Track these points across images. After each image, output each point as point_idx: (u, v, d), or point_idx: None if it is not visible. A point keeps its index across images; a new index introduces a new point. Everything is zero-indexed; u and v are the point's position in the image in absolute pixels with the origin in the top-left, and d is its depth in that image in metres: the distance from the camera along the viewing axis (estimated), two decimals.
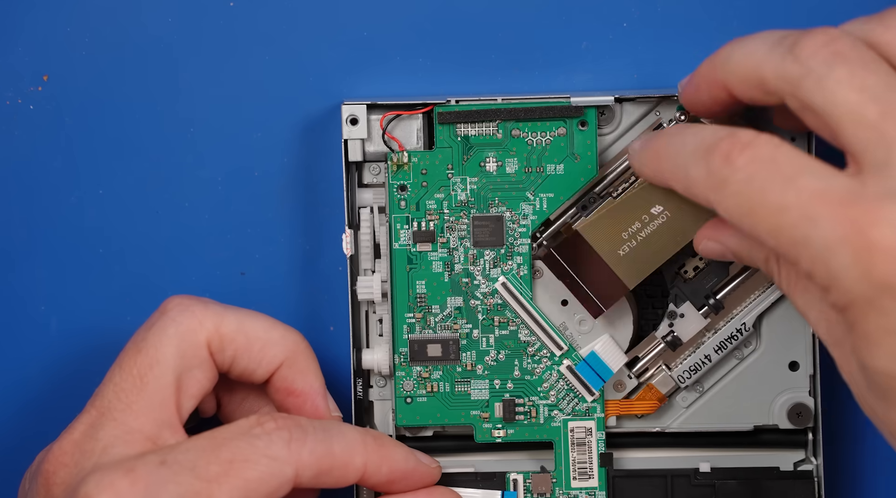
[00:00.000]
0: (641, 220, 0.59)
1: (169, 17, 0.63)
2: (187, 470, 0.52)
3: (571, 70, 0.63)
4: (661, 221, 0.59)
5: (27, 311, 0.64)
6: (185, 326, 0.57)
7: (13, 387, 0.64)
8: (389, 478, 0.57)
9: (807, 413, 0.62)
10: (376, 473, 0.57)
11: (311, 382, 0.59)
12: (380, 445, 0.57)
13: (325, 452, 0.55)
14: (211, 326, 0.57)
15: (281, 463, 0.53)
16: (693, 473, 0.62)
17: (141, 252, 0.64)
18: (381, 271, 0.62)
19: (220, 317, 0.57)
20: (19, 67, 0.63)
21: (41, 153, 0.64)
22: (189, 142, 0.63)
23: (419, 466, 0.59)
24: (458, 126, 0.61)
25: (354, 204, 0.62)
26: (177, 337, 0.56)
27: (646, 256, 0.59)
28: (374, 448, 0.57)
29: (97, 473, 0.52)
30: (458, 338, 0.62)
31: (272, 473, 0.53)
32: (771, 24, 0.62)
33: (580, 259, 0.60)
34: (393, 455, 0.57)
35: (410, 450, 0.59)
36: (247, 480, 0.52)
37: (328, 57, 0.63)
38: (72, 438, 0.55)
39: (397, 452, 0.58)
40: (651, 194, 0.59)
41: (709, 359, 0.62)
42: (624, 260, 0.59)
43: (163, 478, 0.51)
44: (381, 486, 0.58)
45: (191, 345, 0.56)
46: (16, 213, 0.64)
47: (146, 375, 0.56)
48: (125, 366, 0.56)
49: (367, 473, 0.56)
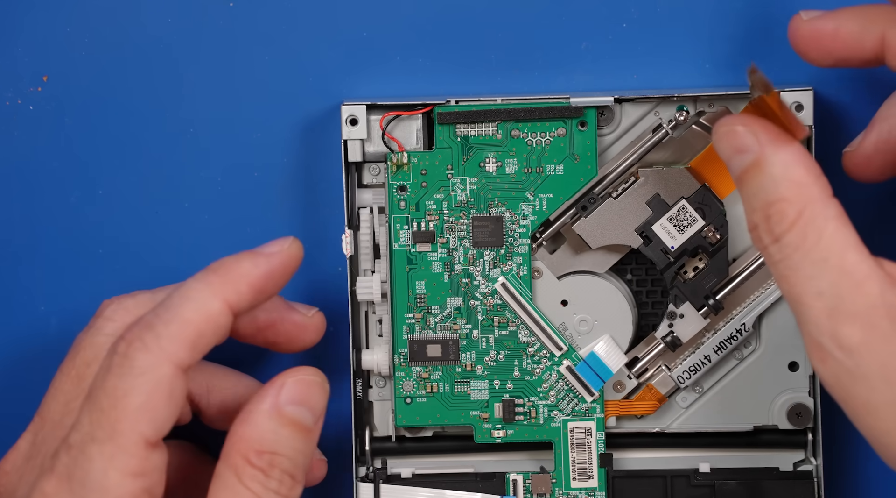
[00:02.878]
0: None
1: (169, 18, 0.63)
2: (89, 441, 0.51)
3: (571, 70, 0.63)
4: None
5: (27, 311, 0.64)
6: (122, 321, 0.56)
7: (13, 387, 0.64)
8: (256, 293, 0.54)
9: (806, 413, 0.62)
10: (241, 300, 0.54)
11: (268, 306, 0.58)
12: (223, 275, 0.54)
13: (184, 327, 0.52)
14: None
15: (154, 370, 0.51)
16: (692, 474, 0.62)
17: (141, 252, 0.64)
18: (380, 272, 0.62)
19: (153, 303, 0.56)
20: (19, 67, 0.63)
21: (41, 153, 0.64)
22: (189, 142, 0.63)
23: (272, 260, 0.55)
24: (457, 126, 0.61)
25: (354, 204, 0.62)
26: (114, 334, 0.56)
27: None
28: (220, 282, 0.54)
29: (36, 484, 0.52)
30: (457, 338, 0.62)
31: (154, 384, 0.51)
32: (771, 25, 0.62)
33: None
34: (240, 272, 0.54)
35: (254, 251, 0.55)
36: (138, 409, 0.51)
37: (328, 57, 0.63)
38: (17, 449, 0.56)
39: (243, 267, 0.54)
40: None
41: (708, 359, 0.62)
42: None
43: (75, 460, 0.51)
44: (259, 301, 0.55)
45: None
46: (16, 213, 0.64)
47: (83, 374, 0.56)
48: (64, 369, 0.57)
49: (235, 308, 0.53)
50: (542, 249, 0.62)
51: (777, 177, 0.51)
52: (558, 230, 0.62)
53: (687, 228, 0.61)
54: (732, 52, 0.62)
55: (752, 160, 0.51)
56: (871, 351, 0.49)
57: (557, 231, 0.62)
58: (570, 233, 0.62)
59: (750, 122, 0.52)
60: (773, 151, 0.51)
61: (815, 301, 0.50)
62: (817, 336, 0.50)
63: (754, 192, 0.52)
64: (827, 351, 0.50)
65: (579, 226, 0.61)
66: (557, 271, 0.62)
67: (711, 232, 0.61)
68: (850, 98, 0.62)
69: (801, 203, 0.50)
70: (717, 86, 0.62)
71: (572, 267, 0.62)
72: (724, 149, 0.53)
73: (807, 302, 0.50)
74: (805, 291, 0.50)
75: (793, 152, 0.51)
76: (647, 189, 0.61)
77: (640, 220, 0.61)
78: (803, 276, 0.50)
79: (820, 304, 0.50)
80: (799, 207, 0.50)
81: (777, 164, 0.51)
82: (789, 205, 0.51)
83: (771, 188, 0.51)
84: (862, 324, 0.49)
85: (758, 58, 0.62)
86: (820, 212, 0.50)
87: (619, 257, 0.62)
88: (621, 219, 0.61)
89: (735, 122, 0.52)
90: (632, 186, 0.61)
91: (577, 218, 0.61)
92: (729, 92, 0.60)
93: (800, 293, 0.50)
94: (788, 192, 0.51)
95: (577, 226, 0.61)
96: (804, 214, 0.50)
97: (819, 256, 0.50)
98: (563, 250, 0.62)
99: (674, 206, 0.61)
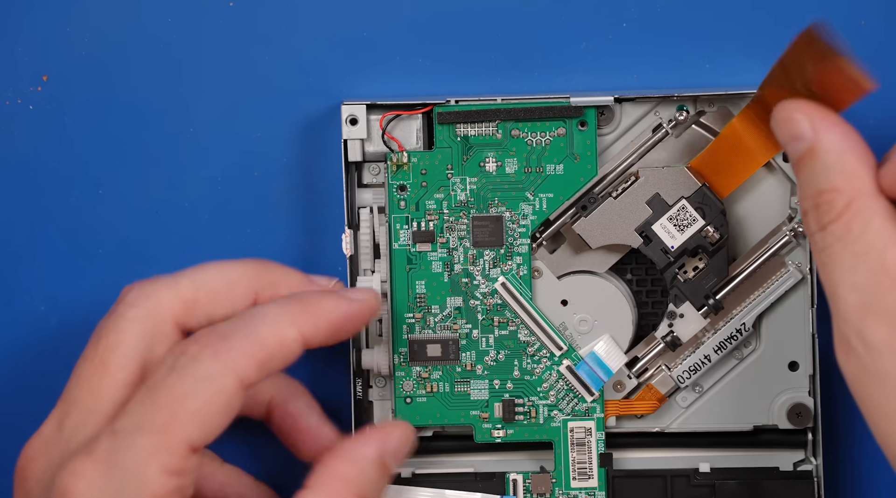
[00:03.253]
0: None
1: (169, 17, 0.63)
2: (136, 431, 0.51)
3: (571, 70, 0.63)
4: None
5: (27, 310, 0.64)
6: (144, 306, 0.56)
7: (13, 386, 0.64)
8: (332, 331, 0.55)
9: (806, 413, 0.62)
10: (316, 334, 0.54)
11: (291, 283, 0.58)
12: (305, 306, 0.55)
13: (257, 345, 0.53)
14: (169, 300, 0.56)
15: (218, 379, 0.52)
16: (692, 474, 0.62)
17: (141, 252, 0.64)
18: (380, 271, 0.62)
19: (175, 286, 0.56)
20: (19, 67, 0.63)
21: (41, 153, 0.64)
22: (189, 142, 0.63)
23: (353, 306, 0.56)
24: (457, 126, 0.61)
25: (354, 204, 0.62)
26: (138, 319, 0.55)
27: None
28: (302, 313, 0.54)
29: (67, 465, 0.52)
30: (457, 338, 0.62)
31: (215, 392, 0.51)
32: (770, 25, 0.62)
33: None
34: (322, 308, 0.55)
35: (338, 292, 0.56)
36: (194, 412, 0.51)
37: (328, 57, 0.63)
38: (40, 433, 0.55)
39: (326, 304, 0.55)
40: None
41: (708, 359, 0.62)
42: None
43: (118, 447, 0.51)
44: (330, 340, 0.55)
45: (154, 323, 0.55)
46: (16, 213, 0.64)
47: (108, 359, 0.55)
48: (88, 355, 0.56)
49: (308, 340, 0.54)
50: (542, 248, 0.62)
51: (830, 165, 0.51)
52: (558, 230, 0.62)
53: (687, 228, 0.61)
54: (733, 51, 0.62)
55: (807, 148, 0.51)
56: (893, 351, 0.49)
57: (557, 231, 0.62)
58: (570, 233, 0.62)
59: (807, 108, 0.52)
60: (828, 140, 0.51)
61: (849, 294, 0.50)
62: (846, 330, 0.50)
63: (807, 179, 0.51)
64: (852, 346, 0.49)
65: (579, 225, 0.61)
66: (557, 271, 0.62)
67: (711, 232, 0.61)
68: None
69: (851, 194, 0.50)
70: (717, 86, 0.62)
71: (572, 267, 0.62)
72: (781, 135, 0.52)
73: (842, 294, 0.50)
74: (842, 282, 0.50)
75: (848, 142, 0.51)
76: (647, 189, 0.61)
77: (640, 220, 0.61)
78: (842, 267, 0.50)
79: (854, 297, 0.49)
80: (848, 198, 0.50)
81: (832, 152, 0.51)
82: (839, 195, 0.50)
83: (823, 177, 0.51)
84: (890, 323, 0.49)
85: (758, 57, 0.62)
86: (868, 205, 0.50)
87: (619, 257, 0.62)
88: (621, 219, 0.61)
89: (793, 109, 0.52)
90: (632, 186, 0.61)
91: (577, 218, 0.61)
92: (729, 92, 0.60)
93: (836, 284, 0.50)
94: (840, 182, 0.50)
95: (577, 226, 0.61)
96: (852, 206, 0.50)
97: (861, 249, 0.50)
98: (563, 250, 0.62)
99: (674, 205, 0.61)
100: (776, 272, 0.62)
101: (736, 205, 0.61)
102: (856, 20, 0.62)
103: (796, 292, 0.62)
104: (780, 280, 0.61)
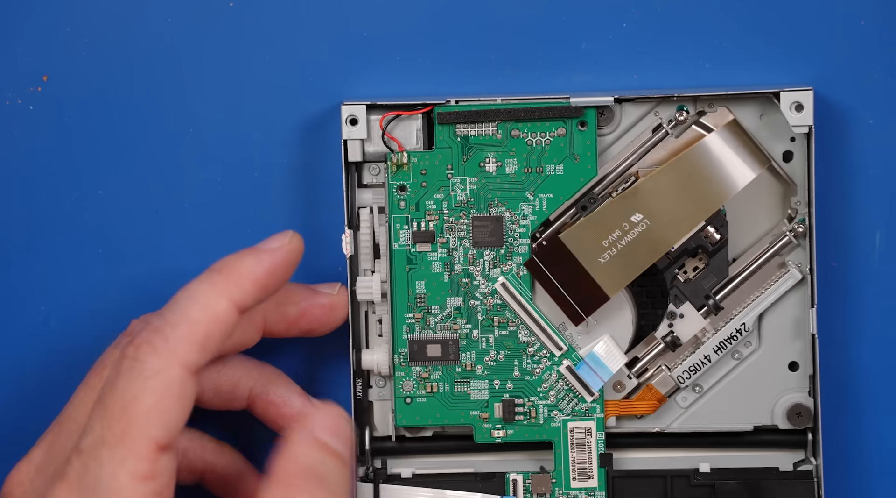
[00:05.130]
0: (622, 228, 0.59)
1: (169, 18, 0.63)
2: (100, 445, 0.51)
3: (571, 70, 0.63)
4: (641, 230, 0.59)
5: (27, 311, 0.64)
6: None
7: (12, 387, 0.64)
8: (262, 290, 0.55)
9: (806, 413, 0.62)
10: (246, 297, 0.54)
11: (296, 298, 0.59)
12: (227, 274, 0.54)
13: (192, 328, 0.52)
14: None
15: (164, 373, 0.51)
16: (692, 474, 0.62)
17: (141, 252, 0.64)
18: (380, 272, 0.62)
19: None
20: (19, 67, 0.63)
21: (41, 153, 0.64)
22: (189, 142, 0.63)
23: (275, 256, 0.55)
24: (457, 126, 0.61)
25: (354, 204, 0.62)
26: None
27: (626, 264, 0.59)
28: (226, 282, 0.54)
29: (46, 495, 0.52)
30: (457, 338, 0.62)
31: (164, 386, 0.51)
32: (770, 25, 0.62)
33: (562, 266, 0.60)
34: (245, 271, 0.54)
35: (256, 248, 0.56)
36: (148, 411, 0.51)
37: (328, 57, 0.63)
38: (30, 459, 0.55)
39: (247, 265, 0.55)
40: (631, 202, 0.59)
41: (708, 359, 0.62)
42: (605, 268, 0.59)
43: (85, 465, 0.51)
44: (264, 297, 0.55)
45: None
46: (16, 213, 0.64)
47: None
48: (90, 382, 0.56)
49: (241, 305, 0.54)
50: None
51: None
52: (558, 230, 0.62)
53: (690, 231, 0.61)
54: (732, 52, 0.62)
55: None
56: None
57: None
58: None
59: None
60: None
61: None
62: None
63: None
64: None
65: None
66: None
67: (711, 232, 0.61)
68: (850, 98, 0.62)
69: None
70: (717, 86, 0.62)
71: None
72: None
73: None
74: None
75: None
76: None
77: None
78: None
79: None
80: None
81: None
82: None
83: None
84: None
85: (758, 57, 0.62)
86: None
87: None
88: None
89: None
90: (632, 186, 0.61)
91: (577, 218, 0.61)
92: (729, 92, 0.60)
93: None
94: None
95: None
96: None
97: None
98: None
99: None
100: (776, 272, 0.62)
101: (736, 205, 0.61)
102: (856, 20, 0.62)
103: (796, 292, 0.62)
104: (780, 280, 0.61)
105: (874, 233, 0.62)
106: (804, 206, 0.61)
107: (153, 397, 0.51)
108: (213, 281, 0.54)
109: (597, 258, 0.59)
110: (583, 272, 0.60)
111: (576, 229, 0.60)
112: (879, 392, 0.63)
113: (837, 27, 0.62)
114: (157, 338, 0.52)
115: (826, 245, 0.62)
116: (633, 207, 0.59)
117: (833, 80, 0.62)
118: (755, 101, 0.61)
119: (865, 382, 0.63)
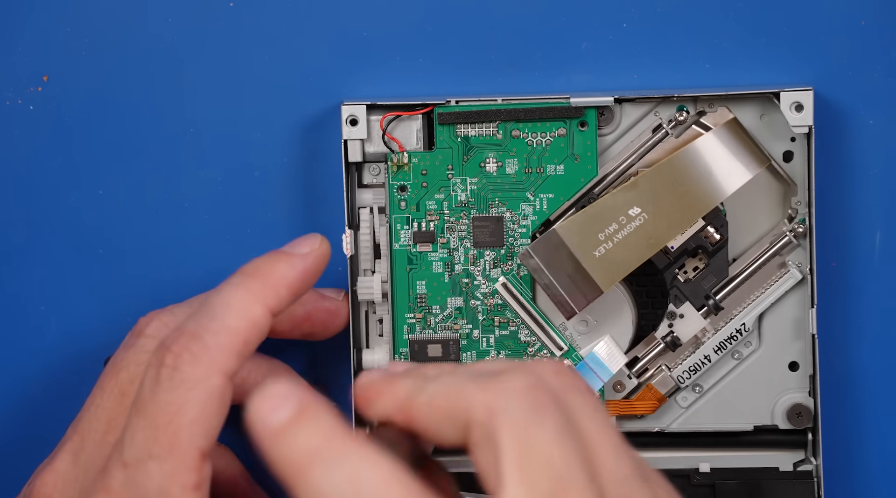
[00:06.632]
0: (619, 221, 0.59)
1: (169, 18, 0.63)
2: (147, 458, 0.50)
3: (571, 70, 0.63)
4: (638, 224, 0.59)
5: (26, 311, 0.64)
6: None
7: (12, 387, 0.64)
8: (294, 294, 0.54)
9: (806, 413, 0.62)
10: (280, 302, 0.53)
11: (303, 299, 0.59)
12: (263, 280, 0.53)
13: (230, 336, 0.52)
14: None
15: (205, 382, 0.51)
16: (693, 473, 0.62)
17: (141, 252, 0.64)
18: (381, 272, 0.62)
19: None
20: (19, 67, 0.63)
21: (41, 153, 0.64)
22: (189, 142, 0.63)
23: (307, 261, 0.55)
24: (458, 127, 0.61)
25: (354, 204, 0.62)
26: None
27: (622, 258, 0.59)
28: (262, 287, 0.53)
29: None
30: (458, 338, 0.62)
31: (206, 396, 0.51)
32: (770, 25, 0.62)
33: (556, 259, 0.60)
34: (279, 276, 0.54)
35: (286, 252, 0.55)
36: (193, 422, 0.50)
37: (328, 57, 0.63)
38: (55, 469, 0.55)
39: (281, 270, 0.54)
40: (629, 195, 0.59)
41: (708, 359, 0.62)
42: (600, 261, 0.59)
43: (134, 479, 0.50)
44: (294, 301, 0.55)
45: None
46: (15, 214, 0.64)
47: (127, 391, 0.55)
48: (106, 387, 0.56)
49: (275, 310, 0.53)
50: None
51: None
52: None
53: (687, 228, 0.61)
54: (732, 52, 0.62)
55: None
56: None
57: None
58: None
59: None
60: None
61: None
62: None
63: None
64: None
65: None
66: None
67: (711, 232, 0.61)
68: (850, 98, 0.62)
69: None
70: (717, 86, 0.62)
71: None
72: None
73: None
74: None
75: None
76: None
77: None
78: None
79: None
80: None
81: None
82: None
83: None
84: None
85: (758, 57, 0.62)
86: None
87: None
88: None
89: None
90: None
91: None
92: (729, 92, 0.60)
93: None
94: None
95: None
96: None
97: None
98: None
99: None
100: (776, 272, 0.62)
101: (736, 205, 0.61)
102: (856, 20, 0.62)
103: (796, 292, 0.62)
104: (780, 280, 0.61)
105: (874, 233, 0.62)
106: (804, 206, 0.61)
107: (197, 408, 0.51)
108: (248, 286, 0.53)
109: (592, 251, 0.59)
110: (577, 265, 0.59)
111: (572, 221, 0.59)
112: (879, 392, 0.63)
113: (837, 27, 0.62)
114: (196, 345, 0.51)
115: (826, 245, 0.62)
116: (631, 201, 0.59)
117: (833, 80, 0.62)
118: (755, 101, 0.61)
119: (865, 382, 0.63)
